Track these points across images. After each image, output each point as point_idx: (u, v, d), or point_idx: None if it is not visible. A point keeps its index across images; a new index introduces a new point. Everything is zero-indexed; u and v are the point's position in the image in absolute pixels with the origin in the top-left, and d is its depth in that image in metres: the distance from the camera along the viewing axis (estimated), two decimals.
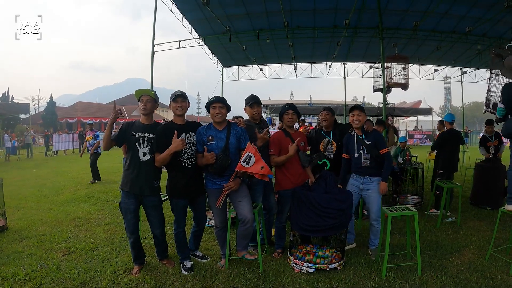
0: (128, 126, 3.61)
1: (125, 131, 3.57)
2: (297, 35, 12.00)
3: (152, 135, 3.56)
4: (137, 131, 3.56)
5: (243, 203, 3.61)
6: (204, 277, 3.53)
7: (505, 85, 4.11)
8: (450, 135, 6.28)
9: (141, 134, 3.55)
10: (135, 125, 3.61)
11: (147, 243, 4.30)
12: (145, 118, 3.63)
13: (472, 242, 4.60)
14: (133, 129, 3.57)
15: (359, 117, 4.06)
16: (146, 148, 3.54)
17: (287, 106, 4.18)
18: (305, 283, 3.41)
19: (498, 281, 3.45)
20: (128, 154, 3.61)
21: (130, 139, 3.55)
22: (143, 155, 3.54)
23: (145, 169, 3.54)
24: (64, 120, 40.79)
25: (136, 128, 3.58)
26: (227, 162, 3.47)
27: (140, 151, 3.53)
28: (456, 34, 11.54)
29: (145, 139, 3.54)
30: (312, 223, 3.68)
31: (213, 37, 12.51)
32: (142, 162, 3.54)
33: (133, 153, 3.55)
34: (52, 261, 3.94)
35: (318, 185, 3.97)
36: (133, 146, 3.54)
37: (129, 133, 3.56)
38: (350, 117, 4.22)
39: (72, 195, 7.88)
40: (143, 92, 3.59)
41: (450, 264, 3.87)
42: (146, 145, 3.54)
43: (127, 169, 3.59)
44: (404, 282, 3.42)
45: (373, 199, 4.11)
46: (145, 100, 3.56)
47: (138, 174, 3.53)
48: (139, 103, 3.60)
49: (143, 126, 3.59)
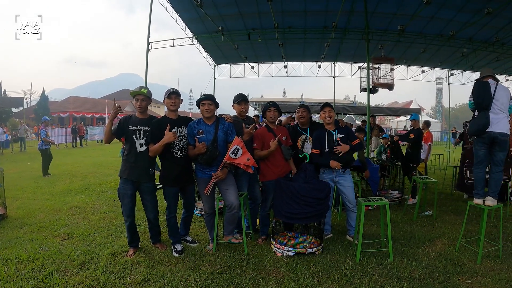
0: (126, 120, 3.95)
1: (123, 125, 3.91)
2: (288, 35, 12.23)
3: (147, 128, 3.91)
4: (133, 125, 3.90)
5: (230, 190, 3.99)
6: (193, 259, 3.85)
7: (476, 81, 4.37)
8: (419, 132, 6.90)
9: (137, 128, 3.89)
10: (132, 119, 3.96)
11: (141, 229, 4.59)
12: (141, 113, 3.99)
13: (445, 233, 4.86)
14: (130, 123, 3.91)
15: (331, 113, 4.44)
16: (142, 140, 3.89)
17: (269, 103, 4.55)
18: (285, 265, 3.74)
19: (465, 268, 3.68)
20: (127, 145, 3.95)
21: (128, 132, 3.89)
22: (140, 146, 3.89)
23: (142, 158, 3.89)
24: (56, 115, 40.55)
25: (133, 122, 3.93)
26: (216, 154, 3.85)
27: (137, 142, 3.88)
28: (443, 37, 11.85)
29: (141, 132, 3.89)
30: (292, 210, 4.03)
31: (206, 36, 12.71)
32: (139, 153, 3.89)
33: (131, 145, 3.89)
34: (52, 245, 4.21)
35: (298, 176, 4.32)
36: (131, 139, 3.89)
37: (127, 127, 3.90)
38: (322, 114, 4.59)
39: (68, 187, 8.13)
40: (138, 92, 3.92)
41: (421, 253, 4.14)
42: (142, 137, 3.89)
43: (126, 158, 3.94)
44: (376, 266, 3.71)
45: (349, 189, 4.48)
46: (140, 99, 3.92)
47: (135, 163, 3.88)
48: (134, 101, 3.96)
49: (139, 120, 3.94)
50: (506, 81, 19.21)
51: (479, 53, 13.43)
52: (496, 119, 4.02)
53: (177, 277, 3.40)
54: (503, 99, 4.08)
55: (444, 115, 46.96)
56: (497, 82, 4.20)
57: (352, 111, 14.25)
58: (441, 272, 3.59)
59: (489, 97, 4.06)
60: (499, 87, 4.13)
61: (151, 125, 3.90)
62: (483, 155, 4.18)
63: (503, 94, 4.11)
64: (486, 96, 4.08)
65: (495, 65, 15.43)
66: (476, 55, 13.65)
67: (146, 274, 3.44)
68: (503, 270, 3.65)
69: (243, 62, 16.50)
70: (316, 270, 3.61)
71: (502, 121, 4.04)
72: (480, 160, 4.22)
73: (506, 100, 4.11)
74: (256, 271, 3.58)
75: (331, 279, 3.42)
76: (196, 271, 3.54)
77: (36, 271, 3.47)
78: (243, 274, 3.52)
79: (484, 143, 4.13)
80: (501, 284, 3.34)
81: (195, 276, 3.43)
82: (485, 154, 4.17)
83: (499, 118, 4.03)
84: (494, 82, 4.18)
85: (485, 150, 4.16)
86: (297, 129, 4.94)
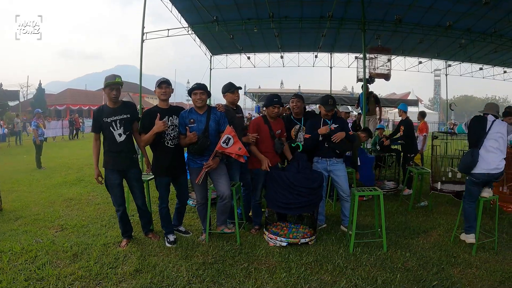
0: (98, 113, 3.83)
1: (98, 119, 3.80)
2: (284, 25, 12.08)
3: (122, 116, 3.80)
4: (108, 116, 3.78)
5: (222, 180, 3.97)
6: (186, 249, 3.85)
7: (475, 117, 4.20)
8: (409, 122, 6.96)
9: (112, 118, 3.78)
10: (104, 111, 3.83)
11: (135, 219, 4.60)
12: (114, 103, 3.85)
13: (440, 224, 4.86)
14: (104, 115, 3.79)
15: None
16: (121, 129, 3.79)
17: (275, 99, 4.41)
18: (278, 255, 3.75)
19: (460, 259, 3.68)
20: (105, 138, 3.85)
21: (104, 125, 3.78)
22: (119, 137, 3.80)
23: (124, 147, 3.82)
24: (53, 107, 40.38)
25: (107, 113, 3.80)
26: (207, 143, 3.82)
27: (115, 133, 3.78)
28: (440, 27, 11.78)
29: (117, 121, 3.79)
30: (285, 200, 4.03)
31: (201, 26, 12.54)
32: (120, 143, 3.80)
33: (109, 137, 3.80)
34: (46, 236, 4.21)
35: (291, 166, 4.30)
36: (108, 131, 3.78)
37: (101, 120, 3.78)
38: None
39: (63, 179, 8.12)
40: (114, 82, 3.76)
41: (415, 243, 4.14)
42: (119, 127, 3.79)
43: (106, 149, 3.86)
44: (369, 257, 3.72)
45: (342, 178, 4.47)
46: (115, 88, 3.77)
47: (118, 153, 3.81)
48: (108, 90, 3.76)
49: (112, 110, 3.82)
50: (504, 73, 19.18)
51: (477, 44, 13.34)
52: (489, 159, 3.88)
53: (168, 267, 3.40)
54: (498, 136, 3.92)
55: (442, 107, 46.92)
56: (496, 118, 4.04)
57: (349, 102, 14.20)
58: (435, 263, 3.59)
59: (482, 134, 3.94)
60: (496, 123, 3.98)
61: (142, 115, 3.86)
62: (475, 192, 4.05)
63: (498, 130, 3.94)
64: (478, 133, 3.98)
65: (493, 56, 15.40)
66: (474, 46, 13.57)
67: (138, 264, 3.45)
68: (498, 262, 3.65)
69: (239, 53, 16.38)
70: (309, 261, 3.62)
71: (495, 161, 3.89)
72: (471, 196, 4.10)
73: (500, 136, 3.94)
74: (248, 261, 3.59)
75: (324, 270, 3.43)
76: (188, 261, 3.54)
77: (29, 263, 3.48)
78: (235, 264, 3.53)
79: (477, 183, 3.99)
80: (495, 276, 3.34)
81: (187, 266, 3.43)
82: (477, 191, 4.04)
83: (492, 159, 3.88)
84: (492, 118, 4.02)
85: (477, 188, 4.03)
86: (291, 119, 4.94)
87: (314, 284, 3.16)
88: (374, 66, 10.32)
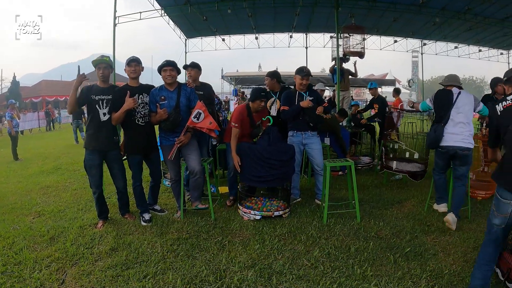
0: (88, 89, 3.88)
1: (86, 94, 3.84)
2: (258, 4, 12.01)
3: (110, 97, 3.86)
4: (96, 94, 3.84)
5: (192, 156, 4.02)
6: (161, 227, 3.90)
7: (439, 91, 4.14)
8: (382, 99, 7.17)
9: (100, 97, 3.84)
10: (94, 88, 3.89)
11: (111, 201, 4.61)
12: (103, 82, 3.92)
13: (414, 195, 4.97)
14: (93, 92, 3.85)
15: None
16: (106, 109, 3.84)
17: (262, 93, 4.43)
18: (252, 228, 3.83)
19: (433, 228, 3.77)
20: (89, 116, 3.91)
21: (91, 102, 3.83)
22: (103, 116, 3.84)
23: (106, 128, 3.86)
24: (29, 100, 39.26)
25: (95, 91, 3.86)
26: (179, 119, 3.87)
27: (100, 112, 3.83)
28: (415, 6, 11.87)
29: (104, 100, 3.84)
30: (257, 173, 4.08)
31: (174, 7, 12.39)
32: (103, 122, 3.85)
33: (94, 115, 3.84)
34: (23, 223, 4.18)
35: (262, 139, 4.35)
36: (93, 108, 3.83)
37: (89, 96, 3.83)
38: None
39: (40, 168, 7.99)
40: (100, 60, 3.85)
41: (389, 214, 4.25)
42: (105, 106, 3.84)
43: (88, 129, 3.90)
44: (343, 227, 3.82)
45: (317, 151, 4.55)
46: (102, 67, 3.84)
47: (100, 132, 3.84)
48: (97, 70, 3.86)
49: (101, 89, 3.88)
50: (479, 51, 19.56)
51: (452, 22, 13.52)
52: (456, 132, 3.83)
53: (143, 244, 3.44)
54: (465, 108, 3.86)
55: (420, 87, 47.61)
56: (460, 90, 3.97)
57: (327, 83, 14.30)
58: (408, 232, 3.68)
59: (448, 108, 3.89)
60: (462, 95, 3.90)
61: (113, 93, 3.85)
62: (443, 165, 4.09)
63: (465, 102, 3.87)
64: (445, 107, 3.92)
65: (468, 35, 15.64)
66: (449, 24, 13.76)
67: (114, 243, 3.47)
68: (471, 229, 3.74)
69: (213, 35, 16.25)
70: (283, 232, 3.69)
71: (463, 134, 3.82)
72: (439, 168, 4.14)
73: (468, 109, 3.88)
74: (223, 235, 3.65)
75: (297, 240, 3.51)
76: (163, 238, 3.58)
77: (6, 249, 3.45)
78: (209, 238, 3.59)
79: (444, 157, 4.01)
80: (469, 242, 3.42)
81: (161, 242, 3.47)
82: (444, 164, 4.08)
83: (459, 131, 3.82)
84: (457, 90, 3.95)
85: (444, 162, 4.05)
86: (270, 93, 5.07)
87: (287, 254, 3.22)
88: (349, 45, 10.39)
